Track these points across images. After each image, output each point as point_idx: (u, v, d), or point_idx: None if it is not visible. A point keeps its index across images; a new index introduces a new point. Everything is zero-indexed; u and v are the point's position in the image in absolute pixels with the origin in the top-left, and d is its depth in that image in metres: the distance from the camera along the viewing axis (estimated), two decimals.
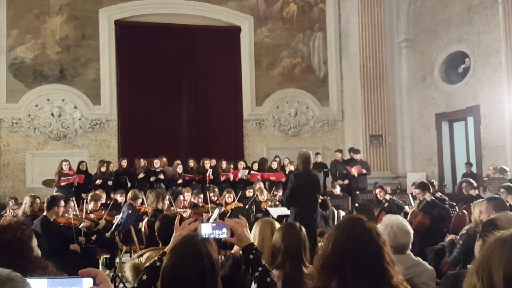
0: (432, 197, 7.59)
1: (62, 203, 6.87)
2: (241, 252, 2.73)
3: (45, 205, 6.76)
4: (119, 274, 6.88)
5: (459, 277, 2.25)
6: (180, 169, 12.33)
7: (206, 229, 2.74)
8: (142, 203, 8.72)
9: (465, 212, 7.32)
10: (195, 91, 15.45)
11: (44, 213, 6.67)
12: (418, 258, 3.61)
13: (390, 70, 15.94)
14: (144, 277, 2.60)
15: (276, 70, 16.04)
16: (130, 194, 9.01)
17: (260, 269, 2.60)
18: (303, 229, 3.52)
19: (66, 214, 7.21)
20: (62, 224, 7.09)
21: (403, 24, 15.87)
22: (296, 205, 7.22)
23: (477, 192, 9.10)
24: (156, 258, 2.70)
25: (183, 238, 2.48)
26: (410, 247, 3.58)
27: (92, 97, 14.44)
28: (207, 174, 12.30)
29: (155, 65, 14.96)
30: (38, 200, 7.82)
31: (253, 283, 2.67)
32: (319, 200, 8.85)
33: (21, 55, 13.98)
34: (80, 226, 7.41)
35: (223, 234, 2.74)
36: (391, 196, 8.96)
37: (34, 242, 2.89)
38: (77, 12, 14.42)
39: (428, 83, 15.06)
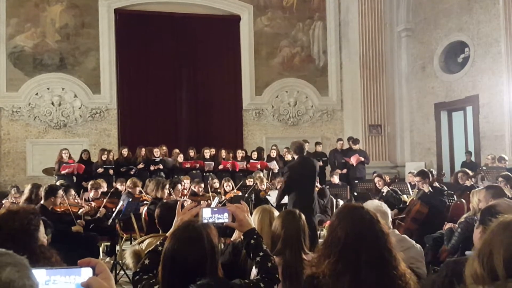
0: (430, 189, 7.59)
1: (59, 193, 6.84)
2: (242, 237, 2.76)
3: (42, 194, 6.75)
4: (120, 262, 6.92)
5: (459, 264, 2.27)
6: (181, 158, 12.36)
7: (207, 214, 2.76)
8: (141, 192, 8.74)
9: (463, 200, 7.34)
10: (195, 80, 15.44)
11: (41, 202, 6.66)
12: (405, 236, 3.66)
13: (390, 60, 15.93)
14: (146, 262, 2.64)
15: (275, 59, 16.02)
16: (128, 182, 9.03)
17: (261, 254, 2.62)
18: (303, 216, 3.53)
19: (64, 203, 7.22)
20: (60, 212, 7.09)
21: (403, 13, 15.84)
22: (294, 195, 7.26)
23: (472, 182, 9.11)
24: (157, 243, 2.73)
25: (184, 223, 2.52)
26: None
27: (92, 86, 14.44)
28: (207, 169, 12.33)
29: (155, 53, 14.97)
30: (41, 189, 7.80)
31: (254, 268, 2.70)
32: (316, 188, 8.90)
33: (21, 44, 13.96)
34: (79, 212, 7.43)
35: (225, 219, 2.77)
36: (389, 189, 8.96)
37: (41, 231, 2.85)
38: (77, 0, 14.39)
39: (427, 72, 15.05)
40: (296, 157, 7.59)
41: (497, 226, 1.76)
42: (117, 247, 7.74)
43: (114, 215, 7.33)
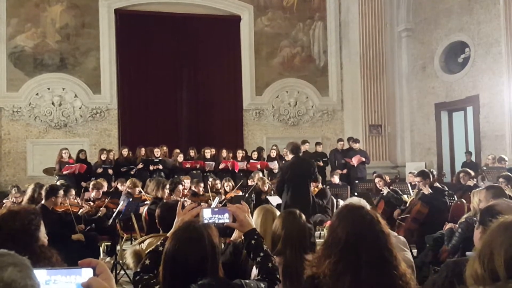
0: (430, 190, 7.57)
1: (60, 193, 6.83)
2: (243, 237, 2.77)
3: (43, 194, 6.75)
4: (120, 262, 6.92)
5: (459, 265, 2.28)
6: (180, 158, 12.36)
7: (208, 214, 2.77)
8: (140, 192, 8.74)
9: (464, 201, 7.34)
10: (195, 80, 15.44)
11: (42, 202, 6.64)
12: None
13: (390, 60, 15.93)
14: (147, 262, 2.64)
15: (276, 59, 16.02)
16: (128, 182, 9.03)
17: (262, 254, 2.63)
18: (303, 216, 3.53)
19: (64, 203, 7.22)
20: (61, 212, 7.10)
21: (403, 13, 15.84)
22: (288, 195, 7.27)
23: (474, 182, 9.11)
24: (158, 243, 2.73)
25: (184, 223, 2.52)
26: None
27: (92, 86, 14.44)
28: (207, 169, 12.34)
29: (155, 54, 14.96)
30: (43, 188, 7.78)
31: (254, 268, 2.70)
32: (315, 189, 8.88)
33: (21, 44, 13.96)
34: (79, 212, 7.43)
35: (225, 219, 2.77)
36: (389, 190, 8.94)
37: (42, 231, 2.84)
38: (77, 0, 14.38)
39: (428, 72, 15.05)
40: (291, 157, 7.62)
41: (497, 227, 1.76)
42: (118, 247, 7.75)
43: (114, 215, 7.33)
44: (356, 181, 11.87)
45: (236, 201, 7.82)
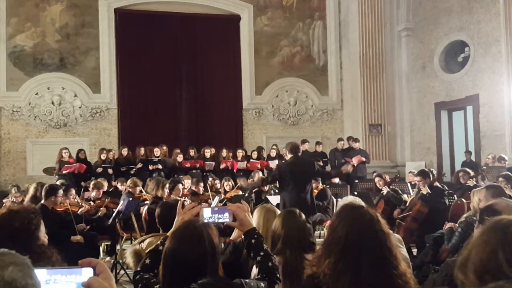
0: (429, 190, 7.56)
1: (60, 192, 6.83)
2: (243, 236, 2.77)
3: (43, 194, 6.75)
4: (120, 261, 6.92)
5: None
6: (180, 157, 12.36)
7: (207, 214, 2.77)
8: (141, 191, 8.74)
9: (464, 200, 7.34)
10: (195, 80, 15.43)
11: (42, 202, 6.63)
12: None
13: (390, 59, 15.91)
14: (147, 261, 2.65)
15: (275, 59, 16.01)
16: (129, 182, 9.03)
17: (262, 253, 2.63)
18: (303, 216, 3.53)
19: (64, 203, 7.22)
20: (60, 211, 7.10)
21: (403, 13, 15.82)
22: (286, 194, 7.27)
23: (474, 181, 9.10)
24: (158, 242, 2.74)
25: (184, 222, 2.53)
26: None
27: (92, 86, 14.43)
28: (207, 168, 12.34)
29: (155, 53, 14.95)
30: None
31: (254, 267, 2.70)
32: (315, 190, 8.87)
33: (21, 43, 13.95)
34: (78, 212, 7.43)
35: (225, 218, 2.77)
36: (389, 189, 8.92)
37: (42, 230, 2.85)
38: (77, 0, 14.38)
39: (427, 72, 15.04)
40: (290, 156, 7.62)
41: (480, 232, 1.75)
42: (118, 247, 7.75)
43: (114, 215, 7.33)
44: (356, 181, 11.86)
45: (236, 200, 7.82)
